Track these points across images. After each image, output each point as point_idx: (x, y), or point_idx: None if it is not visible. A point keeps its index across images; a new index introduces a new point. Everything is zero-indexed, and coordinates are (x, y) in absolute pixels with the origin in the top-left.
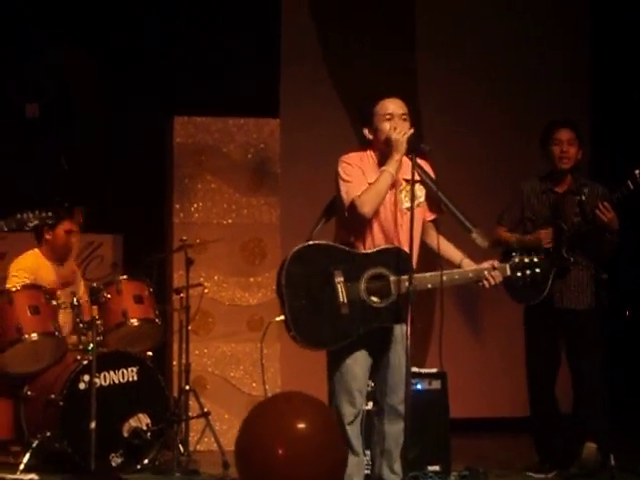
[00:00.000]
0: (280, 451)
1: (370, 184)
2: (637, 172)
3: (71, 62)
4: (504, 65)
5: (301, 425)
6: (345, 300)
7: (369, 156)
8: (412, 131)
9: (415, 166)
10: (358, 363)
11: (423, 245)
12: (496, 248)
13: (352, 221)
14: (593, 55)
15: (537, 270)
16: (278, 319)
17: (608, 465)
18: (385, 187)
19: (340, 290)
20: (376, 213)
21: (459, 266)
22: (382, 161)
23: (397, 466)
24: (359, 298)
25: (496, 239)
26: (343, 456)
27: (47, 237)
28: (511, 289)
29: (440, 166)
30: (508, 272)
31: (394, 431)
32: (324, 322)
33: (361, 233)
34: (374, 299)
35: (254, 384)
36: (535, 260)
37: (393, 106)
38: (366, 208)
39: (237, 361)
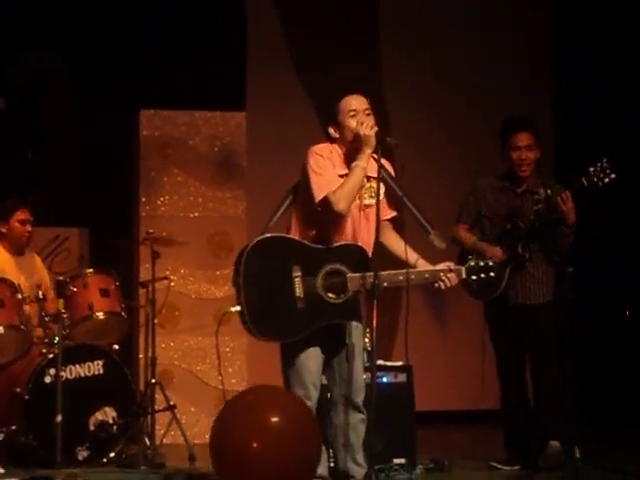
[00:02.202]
0: (255, 444)
1: (343, 179)
2: (591, 169)
3: (39, 56)
4: (469, 57)
5: (275, 419)
6: (301, 295)
7: (336, 150)
8: (377, 127)
9: (380, 163)
10: (311, 357)
11: (379, 244)
12: (454, 244)
13: (312, 214)
14: (558, 43)
15: (492, 274)
16: (234, 309)
17: (573, 458)
18: (359, 182)
19: (297, 284)
20: None
21: (414, 266)
22: (348, 156)
23: (360, 457)
24: (315, 293)
25: (455, 238)
26: (317, 449)
27: (2, 230)
28: (467, 286)
29: (405, 159)
30: (464, 275)
31: (352, 422)
32: (280, 315)
33: (320, 228)
34: (330, 295)
35: (220, 377)
36: (490, 264)
37: (356, 102)
38: (341, 205)
39: (203, 354)
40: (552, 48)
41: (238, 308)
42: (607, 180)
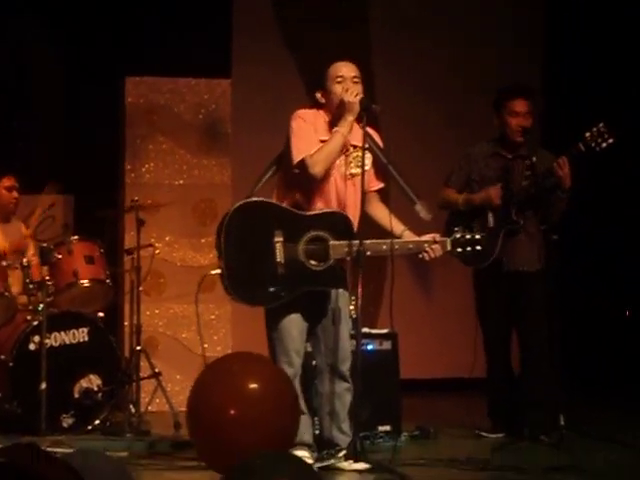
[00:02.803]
0: (232, 411)
1: (322, 143)
2: (587, 134)
3: (23, 25)
4: (456, 27)
5: (253, 386)
6: (282, 260)
7: (322, 116)
8: (362, 95)
9: (366, 133)
10: (294, 324)
11: (365, 214)
12: (443, 209)
13: (296, 180)
14: (546, 15)
15: (477, 247)
16: (214, 272)
17: (558, 425)
18: (337, 148)
19: (278, 250)
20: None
21: (400, 237)
22: (334, 123)
23: (345, 425)
24: (297, 259)
25: (444, 200)
26: (295, 418)
27: None
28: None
29: (392, 128)
30: (449, 247)
31: (338, 391)
32: (259, 280)
33: (304, 194)
34: (312, 262)
35: (206, 345)
36: (477, 237)
37: (345, 69)
38: (317, 168)
39: (189, 322)
40: (542, 12)
41: (219, 271)
42: (605, 145)
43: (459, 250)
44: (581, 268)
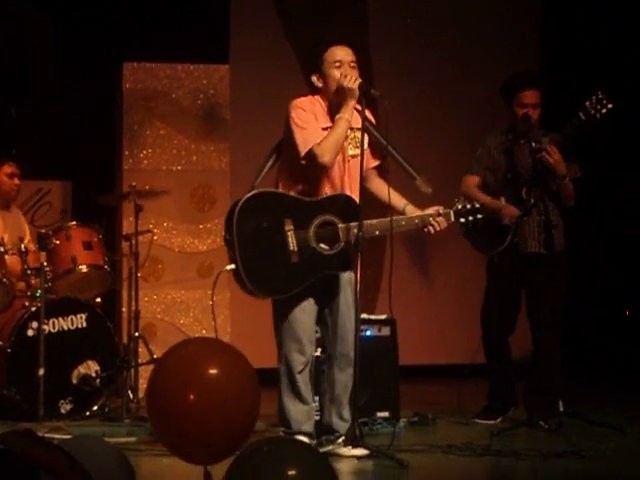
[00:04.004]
0: (191, 396)
1: (327, 131)
2: (587, 103)
3: (20, 10)
4: (456, 12)
5: (213, 370)
6: (295, 248)
7: (318, 101)
8: (361, 79)
9: (364, 114)
10: (306, 312)
11: (366, 192)
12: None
13: (298, 168)
14: (545, 3)
15: (479, 216)
16: (228, 268)
17: (557, 411)
18: (343, 134)
19: (290, 238)
20: None
21: (402, 212)
22: (331, 107)
23: (346, 413)
24: (309, 246)
25: (466, 192)
26: (256, 403)
27: None
28: (473, 239)
29: (390, 113)
30: (452, 218)
31: (343, 378)
32: (275, 270)
33: (308, 180)
34: (323, 246)
35: (204, 331)
36: (477, 206)
37: (342, 53)
38: (326, 157)
39: (187, 308)
40: (543, 15)
41: (233, 266)
42: (605, 111)
43: (462, 220)
44: (581, 268)
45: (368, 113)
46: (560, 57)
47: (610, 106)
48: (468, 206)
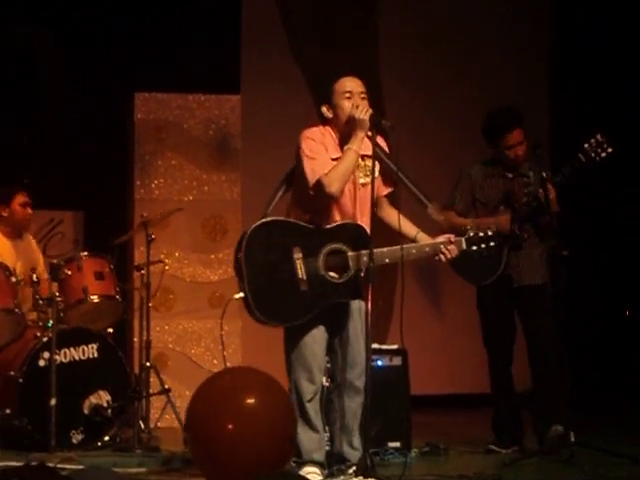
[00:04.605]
0: (230, 426)
1: (336, 162)
2: (586, 145)
3: (33, 39)
4: (467, 35)
5: (251, 400)
6: (304, 276)
7: (329, 132)
8: (372, 111)
9: (375, 142)
10: (316, 340)
11: (377, 220)
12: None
13: (311, 198)
14: (557, 20)
15: (492, 244)
16: (237, 296)
17: (568, 442)
18: (351, 165)
19: (299, 266)
20: None
21: (414, 240)
22: (341, 138)
23: (356, 441)
24: (318, 274)
25: (450, 223)
26: (292, 432)
27: (3, 214)
28: (463, 271)
29: (400, 138)
30: (464, 246)
31: (353, 406)
32: (284, 299)
33: (318, 209)
34: (332, 275)
35: (215, 361)
36: (490, 234)
37: (352, 84)
38: (333, 188)
39: (198, 338)
40: (550, 19)
41: (242, 295)
42: (604, 155)
43: (474, 248)
44: (581, 268)
45: (381, 140)
46: (569, 84)
47: (610, 150)
48: (480, 234)
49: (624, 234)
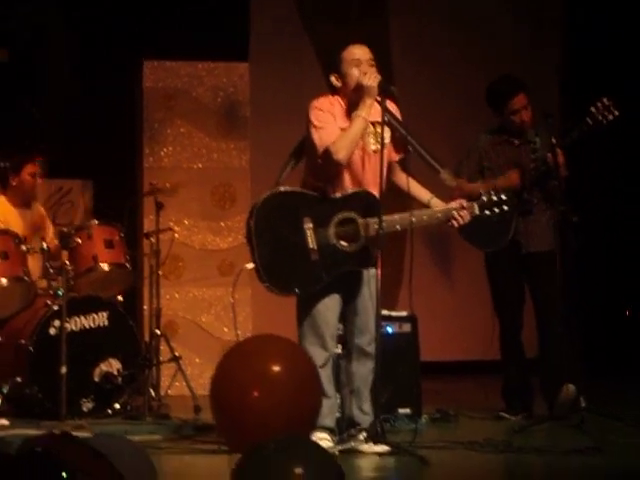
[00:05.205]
0: (255, 393)
1: (343, 130)
2: (592, 108)
3: (41, 9)
4: (472, 12)
5: (276, 367)
6: (315, 246)
7: (338, 101)
8: (380, 77)
9: (384, 108)
10: (329, 308)
11: (391, 185)
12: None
13: (321, 166)
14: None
15: (505, 208)
16: (249, 266)
17: (578, 407)
18: (359, 132)
19: (309, 236)
20: None
21: (428, 205)
22: (350, 107)
23: (367, 406)
24: (329, 243)
25: (461, 193)
26: (318, 399)
27: (13, 183)
28: (472, 237)
29: (408, 108)
30: (477, 211)
31: (362, 371)
32: (295, 268)
33: (330, 178)
34: (343, 243)
35: (225, 328)
36: (503, 197)
37: (360, 51)
38: (341, 154)
39: (208, 305)
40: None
41: (252, 265)
42: (611, 117)
43: (487, 213)
44: (608, 266)
45: (392, 106)
46: (580, 56)
47: (617, 113)
48: (494, 198)
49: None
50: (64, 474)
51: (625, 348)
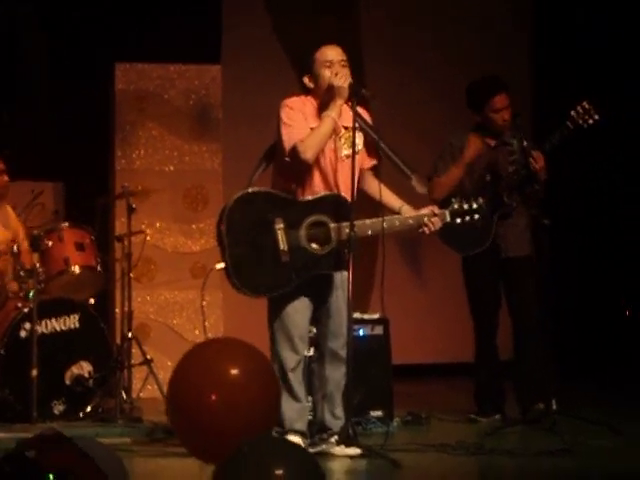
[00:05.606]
0: (213, 397)
1: (312, 129)
2: (573, 112)
3: (9, 11)
4: (448, 10)
5: (234, 370)
6: (285, 247)
7: (310, 101)
8: (352, 79)
9: (355, 112)
10: (299, 310)
11: (362, 192)
12: (434, 200)
13: (292, 168)
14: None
15: (476, 216)
16: (218, 266)
17: (550, 410)
18: (328, 132)
19: (280, 237)
20: (316, 160)
21: (398, 212)
22: (322, 108)
23: (339, 410)
24: (299, 245)
25: (437, 187)
26: (276, 402)
27: None
28: (451, 241)
29: (382, 112)
30: (448, 218)
31: (336, 376)
32: (264, 269)
33: (300, 180)
34: (314, 246)
35: (197, 331)
36: (474, 206)
37: (332, 53)
38: (308, 153)
39: (180, 308)
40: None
41: (223, 265)
42: (591, 122)
43: (458, 220)
44: (581, 269)
45: (364, 113)
46: (551, 55)
47: (597, 117)
48: (465, 206)
49: (624, 234)
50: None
51: (599, 350)
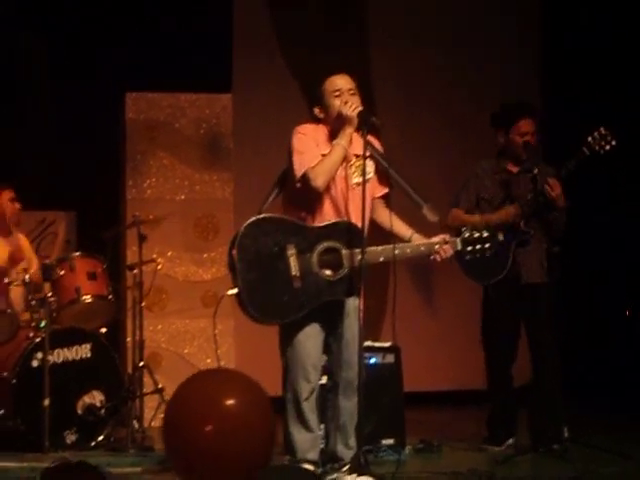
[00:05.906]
0: (208, 427)
1: (323, 156)
2: (590, 139)
3: (21, 41)
4: (458, 37)
5: (230, 401)
6: (297, 273)
7: (322, 129)
8: (361, 107)
9: (366, 140)
10: (311, 338)
11: (372, 221)
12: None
13: (302, 195)
14: (545, 20)
15: (487, 245)
16: (230, 292)
17: (562, 437)
18: (338, 160)
19: (292, 263)
20: (327, 188)
21: (409, 241)
22: (334, 136)
23: (352, 441)
24: (311, 271)
25: (456, 222)
26: (272, 432)
27: None
28: (471, 270)
29: (393, 140)
30: (459, 246)
31: (349, 406)
32: (277, 295)
33: (311, 208)
34: (326, 272)
35: (208, 360)
36: (485, 235)
37: (341, 82)
38: (319, 181)
39: (191, 337)
40: (539, 17)
41: (235, 291)
42: (608, 147)
43: (469, 249)
44: (581, 269)
45: (375, 141)
46: (563, 84)
47: (614, 143)
48: (476, 234)
49: (624, 233)
50: None
51: (608, 378)
